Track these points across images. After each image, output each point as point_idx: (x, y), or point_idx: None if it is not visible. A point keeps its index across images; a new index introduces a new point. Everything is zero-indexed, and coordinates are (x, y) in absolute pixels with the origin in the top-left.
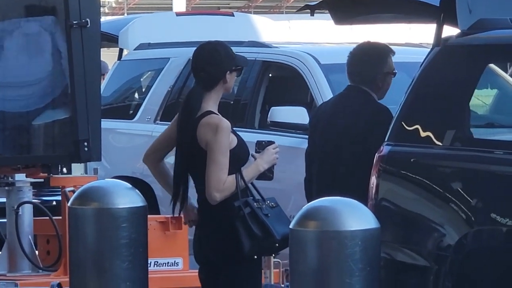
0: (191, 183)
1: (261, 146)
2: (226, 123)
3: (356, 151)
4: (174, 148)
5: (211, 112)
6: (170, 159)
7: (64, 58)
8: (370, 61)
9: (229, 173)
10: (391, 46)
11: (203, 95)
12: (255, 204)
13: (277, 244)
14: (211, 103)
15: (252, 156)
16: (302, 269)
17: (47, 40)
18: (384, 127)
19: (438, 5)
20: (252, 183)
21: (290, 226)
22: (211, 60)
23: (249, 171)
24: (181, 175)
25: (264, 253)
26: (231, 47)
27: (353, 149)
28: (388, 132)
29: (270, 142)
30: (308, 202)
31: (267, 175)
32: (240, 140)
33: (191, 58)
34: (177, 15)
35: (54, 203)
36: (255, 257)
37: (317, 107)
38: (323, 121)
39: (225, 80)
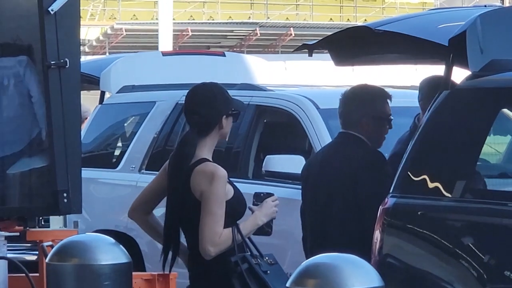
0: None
1: (259, 198)
2: (222, 172)
3: (347, 199)
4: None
5: (205, 160)
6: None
7: (41, 101)
8: (354, 103)
9: (225, 226)
10: (394, 89)
11: (197, 141)
12: (253, 260)
13: None
14: (206, 150)
15: (250, 209)
16: None
17: (22, 81)
18: (375, 170)
19: (447, 44)
20: (249, 238)
21: (287, 285)
22: (205, 103)
23: (247, 224)
24: (173, 227)
25: None
26: None
27: (344, 197)
28: (393, 183)
29: (269, 194)
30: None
31: (265, 229)
32: (237, 191)
33: (179, 101)
34: (163, 55)
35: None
36: None
37: (308, 159)
38: (314, 173)
39: (221, 125)
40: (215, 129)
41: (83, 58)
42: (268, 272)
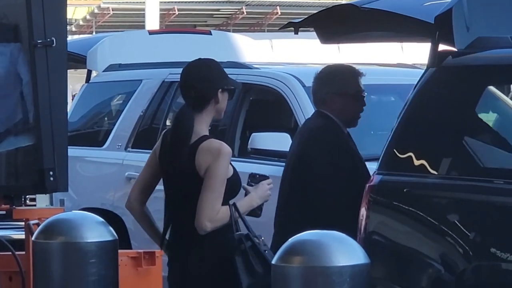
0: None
1: (254, 179)
2: (228, 149)
3: (296, 176)
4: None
5: (208, 137)
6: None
7: (28, 80)
8: (321, 81)
9: (222, 204)
10: (380, 67)
11: (194, 117)
12: (255, 239)
13: None
14: (204, 126)
15: (244, 188)
16: None
17: (9, 61)
18: (317, 148)
19: (433, 22)
20: (241, 217)
21: (273, 262)
22: (202, 77)
23: (242, 204)
24: (177, 206)
25: None
26: None
27: (294, 174)
28: (379, 160)
29: (265, 177)
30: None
31: (256, 211)
32: (235, 169)
33: (165, 80)
34: (150, 34)
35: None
36: None
37: None
38: (289, 150)
39: (217, 99)
40: (211, 103)
41: (70, 37)
42: (266, 251)
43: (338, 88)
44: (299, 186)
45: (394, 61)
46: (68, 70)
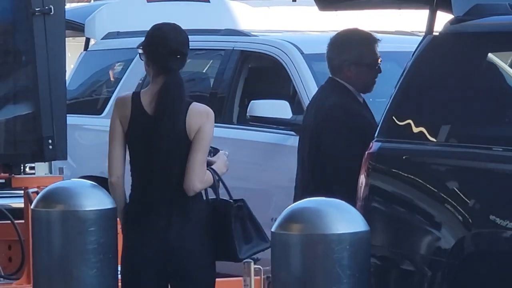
0: None
1: (210, 152)
2: (212, 112)
3: (312, 149)
4: None
5: (192, 100)
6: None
7: (26, 48)
8: (338, 49)
9: None
10: (378, 34)
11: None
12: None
13: (266, 249)
14: (186, 91)
15: (208, 161)
16: (285, 276)
17: (7, 29)
18: (333, 123)
19: None
20: (222, 181)
21: (272, 229)
22: (186, 43)
23: (218, 169)
24: (157, 168)
25: (251, 256)
26: (207, 35)
27: (311, 146)
28: (378, 128)
29: (217, 149)
30: None
31: (215, 183)
32: None
33: None
34: (147, 1)
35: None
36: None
37: None
38: (303, 121)
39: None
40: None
41: (68, 5)
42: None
43: (355, 57)
44: (316, 161)
45: (393, 28)
46: (66, 38)
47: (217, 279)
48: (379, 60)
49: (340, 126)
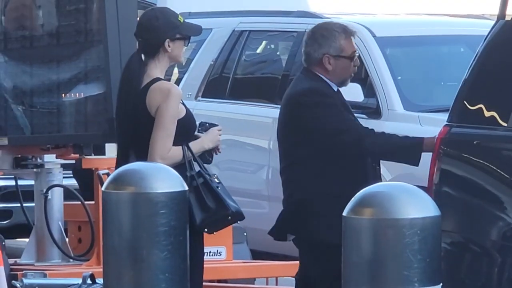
0: None
1: (204, 127)
2: (177, 90)
3: (285, 141)
4: None
5: (160, 79)
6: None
7: (98, 27)
8: (316, 41)
9: (175, 145)
10: (449, 17)
11: (148, 62)
12: (207, 176)
13: (229, 217)
14: (158, 71)
15: (195, 135)
16: (356, 260)
17: (79, 8)
18: (307, 107)
19: None
20: (195, 157)
21: (344, 213)
22: (147, 27)
23: (194, 145)
24: (128, 146)
25: (215, 226)
26: (280, 17)
27: (282, 139)
28: (449, 112)
29: (214, 125)
30: None
31: (206, 157)
32: (188, 112)
33: (236, 29)
34: None
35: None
36: (206, 230)
37: None
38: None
39: (165, 48)
40: (160, 52)
41: None
42: (219, 187)
43: (335, 51)
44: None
45: (464, 11)
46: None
47: (273, 262)
48: (356, 53)
49: (317, 103)
